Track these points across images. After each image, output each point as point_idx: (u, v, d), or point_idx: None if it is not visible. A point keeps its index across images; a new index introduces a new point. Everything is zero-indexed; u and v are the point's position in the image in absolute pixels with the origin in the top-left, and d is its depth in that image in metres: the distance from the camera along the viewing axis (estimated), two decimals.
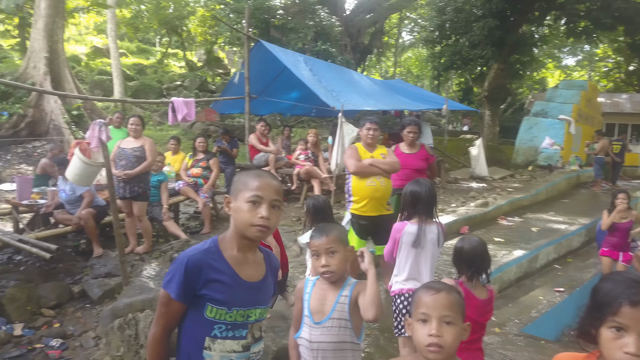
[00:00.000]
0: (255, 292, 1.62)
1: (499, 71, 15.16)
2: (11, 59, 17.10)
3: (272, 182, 1.60)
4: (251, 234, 1.56)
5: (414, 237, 2.92)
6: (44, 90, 10.83)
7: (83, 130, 11.59)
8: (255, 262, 1.66)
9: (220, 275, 1.55)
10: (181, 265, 1.53)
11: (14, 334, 4.18)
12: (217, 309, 1.54)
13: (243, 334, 1.59)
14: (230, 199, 1.62)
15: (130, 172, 5.54)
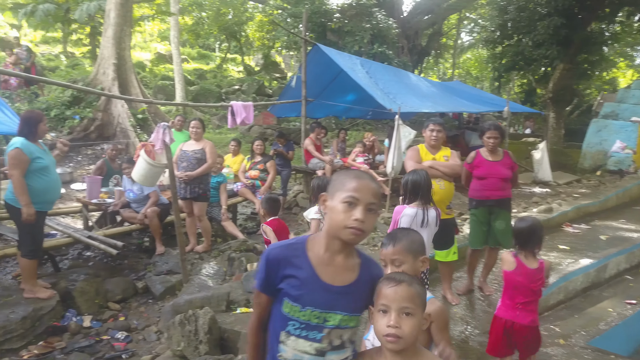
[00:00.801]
0: (337, 297, 1.53)
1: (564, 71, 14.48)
2: (82, 66, 18.12)
3: (371, 185, 1.53)
4: (344, 235, 1.51)
5: (410, 218, 3.41)
6: (112, 95, 11.40)
7: (147, 133, 12.11)
8: (344, 266, 1.57)
9: (298, 272, 1.54)
10: (263, 258, 1.60)
11: (83, 325, 4.42)
12: (291, 305, 1.54)
13: (318, 337, 1.52)
14: (326, 197, 1.58)
15: (191, 173, 5.72)
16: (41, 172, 4.30)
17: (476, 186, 4.41)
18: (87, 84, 12.23)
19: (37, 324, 4.19)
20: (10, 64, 13.56)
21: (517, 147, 13.57)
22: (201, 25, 26.10)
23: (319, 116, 11.46)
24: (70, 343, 4.11)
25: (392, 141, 7.09)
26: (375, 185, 1.55)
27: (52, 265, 5.49)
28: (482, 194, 4.34)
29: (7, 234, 5.79)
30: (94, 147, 11.94)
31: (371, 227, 1.53)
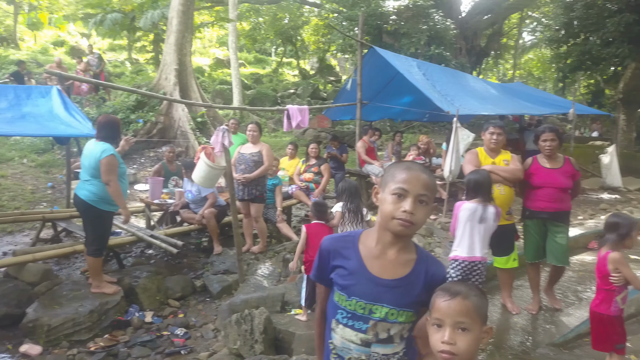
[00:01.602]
0: (385, 290, 1.53)
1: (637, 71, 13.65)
2: (146, 72, 18.93)
3: (421, 176, 1.50)
4: (393, 227, 1.50)
5: (469, 212, 3.49)
6: (173, 99, 11.84)
7: (206, 136, 12.49)
8: (395, 260, 1.56)
9: (346, 262, 1.58)
10: (319, 250, 1.65)
11: (145, 320, 4.59)
12: (339, 294, 1.57)
13: (363, 327, 1.53)
14: (378, 190, 1.60)
15: (248, 175, 5.83)
16: (122, 177, 4.55)
17: (531, 195, 4.08)
18: (150, 89, 12.76)
19: (103, 318, 4.39)
20: (81, 70, 14.39)
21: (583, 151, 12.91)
22: (258, 30, 26.65)
23: (374, 119, 11.40)
24: (133, 337, 4.28)
25: (450, 144, 6.93)
26: (426, 176, 1.52)
27: (117, 262, 5.76)
28: (537, 204, 4.02)
29: (76, 231, 6.14)
30: (155, 149, 12.43)
31: (422, 219, 1.51)
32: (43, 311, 4.25)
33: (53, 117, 5.56)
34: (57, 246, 5.92)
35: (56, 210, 7.09)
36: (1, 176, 9.49)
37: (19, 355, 3.91)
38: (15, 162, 10.56)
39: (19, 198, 8.59)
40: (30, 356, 3.87)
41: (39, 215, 6.51)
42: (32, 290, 4.76)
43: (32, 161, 10.70)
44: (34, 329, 4.13)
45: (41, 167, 10.49)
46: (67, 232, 6.60)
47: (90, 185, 4.45)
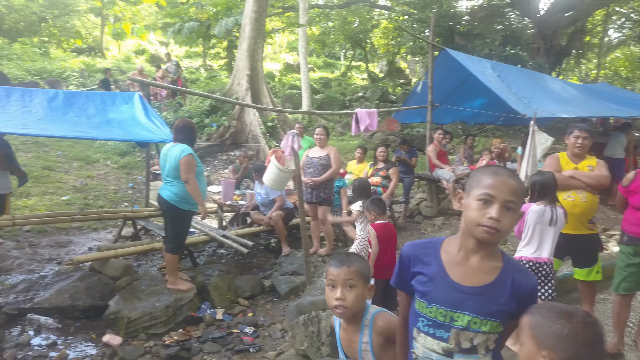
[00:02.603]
0: (466, 297, 1.48)
1: None
2: (219, 78, 19.66)
3: (509, 181, 1.45)
4: (477, 234, 1.46)
5: (537, 215, 3.40)
6: (246, 104, 12.20)
7: (276, 140, 12.75)
8: (479, 268, 1.51)
9: (426, 269, 1.56)
10: (399, 256, 1.65)
11: (216, 317, 4.74)
12: (419, 301, 1.56)
13: (444, 336, 1.49)
14: (462, 195, 1.56)
15: (316, 179, 5.88)
16: (199, 176, 4.76)
17: (631, 218, 3.48)
18: (223, 94, 13.23)
19: (178, 313, 4.59)
20: (159, 77, 15.19)
21: None
22: (327, 34, 26.87)
23: (445, 122, 11.13)
24: (205, 333, 4.43)
25: (526, 148, 6.61)
26: (514, 181, 1.46)
27: (191, 260, 6.00)
28: (637, 230, 3.43)
29: (154, 229, 6.46)
30: (228, 152, 12.86)
31: (509, 226, 1.45)
32: (123, 304, 4.51)
33: (135, 122, 5.89)
34: (136, 243, 6.27)
35: (136, 210, 7.51)
36: (88, 176, 10.20)
37: (102, 345, 4.17)
38: (100, 163, 11.32)
39: (103, 197, 9.19)
40: (112, 346, 4.11)
41: (120, 214, 6.92)
42: (114, 284, 5.07)
43: (115, 163, 11.43)
44: (115, 321, 4.40)
45: (123, 169, 11.17)
46: (146, 230, 6.97)
47: (171, 186, 4.68)
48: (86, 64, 20.07)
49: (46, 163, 10.43)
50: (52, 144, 11.76)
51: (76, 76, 18.06)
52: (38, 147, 11.45)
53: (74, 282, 4.85)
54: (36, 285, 4.96)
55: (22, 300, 4.70)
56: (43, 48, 21.47)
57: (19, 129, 5.14)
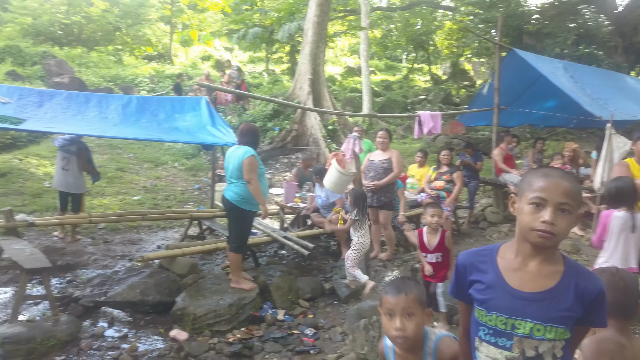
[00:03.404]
0: (526, 304, 1.44)
1: None
2: (281, 82, 20.00)
3: (561, 183, 1.40)
4: (532, 239, 1.42)
5: (622, 221, 3.27)
6: (307, 107, 12.32)
7: (336, 143, 12.79)
8: (538, 273, 1.46)
9: (483, 276, 1.53)
10: (455, 266, 1.64)
11: (277, 318, 4.80)
12: (478, 310, 1.53)
13: (507, 344, 1.45)
14: (515, 199, 1.53)
15: (378, 182, 5.83)
16: (261, 177, 4.89)
17: None
18: (285, 98, 13.44)
19: (241, 312, 4.69)
20: (224, 82, 15.68)
21: None
22: (389, 37, 26.70)
23: (512, 125, 10.72)
24: (266, 332, 4.50)
25: (602, 153, 6.25)
26: (567, 182, 1.40)
27: (253, 261, 6.12)
28: None
29: (218, 229, 6.65)
30: (289, 155, 13.04)
31: (565, 229, 1.40)
32: (190, 301, 4.66)
33: (201, 126, 6.11)
34: (202, 243, 6.48)
35: (202, 210, 7.77)
36: (157, 178, 10.68)
37: (169, 339, 4.34)
38: (168, 165, 11.83)
39: (171, 198, 9.58)
40: (178, 341, 4.27)
41: (187, 214, 7.18)
42: (180, 281, 5.26)
43: (182, 165, 11.89)
44: (181, 317, 4.56)
45: (189, 171, 11.61)
46: (211, 230, 7.19)
47: (235, 187, 4.82)
48: (156, 70, 21.05)
49: (119, 165, 11.03)
50: (125, 146, 12.41)
51: (147, 82, 18.99)
52: (112, 149, 12.13)
53: (144, 279, 5.08)
54: (110, 280, 5.23)
55: (97, 293, 4.97)
56: (117, 56, 22.76)
57: (97, 131, 5.47)
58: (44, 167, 9.86)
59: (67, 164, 6.77)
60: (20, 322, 4.31)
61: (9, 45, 18.55)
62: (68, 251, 6.33)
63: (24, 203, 7.99)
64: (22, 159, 10.11)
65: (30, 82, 15.35)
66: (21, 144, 11.41)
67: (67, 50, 20.96)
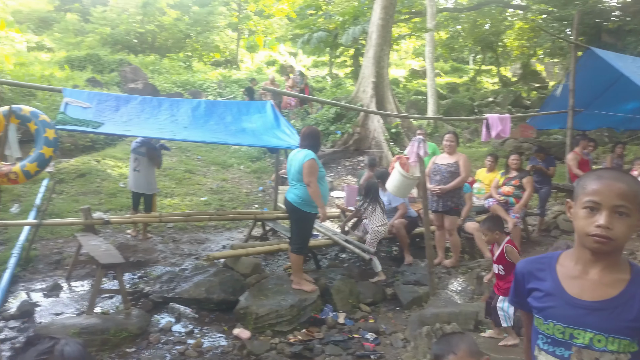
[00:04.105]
0: (586, 313, 1.37)
1: None
2: (344, 85, 20.03)
3: (615, 185, 1.33)
4: (588, 244, 1.36)
5: None
6: (370, 110, 12.25)
7: (399, 147, 12.62)
8: (599, 280, 1.39)
9: (541, 284, 1.49)
10: (514, 273, 1.61)
11: (338, 321, 4.79)
12: (537, 318, 1.50)
13: (565, 354, 1.39)
14: (571, 204, 1.46)
15: (444, 187, 5.68)
16: (321, 180, 4.91)
17: None
18: (348, 102, 13.43)
19: (302, 313, 4.71)
20: (289, 87, 15.92)
21: None
22: (456, 38, 26.08)
23: (588, 128, 10.13)
24: (327, 335, 4.49)
25: None
26: (623, 184, 1.32)
27: (314, 263, 6.15)
28: None
29: (280, 231, 6.74)
30: (351, 159, 13.01)
31: (624, 234, 1.31)
32: (252, 300, 4.75)
33: (266, 130, 6.21)
34: (265, 243, 6.59)
35: (265, 212, 7.90)
36: (223, 180, 10.99)
37: (232, 337, 4.43)
38: (234, 168, 12.15)
39: (236, 199, 9.83)
40: (241, 339, 4.35)
41: (251, 215, 7.33)
42: (244, 280, 5.37)
43: (247, 168, 12.18)
44: (244, 316, 4.65)
45: (254, 173, 11.86)
46: (274, 231, 7.30)
47: (295, 189, 4.87)
48: (223, 76, 21.73)
49: (188, 167, 11.46)
50: (193, 149, 12.88)
51: (214, 87, 19.65)
52: (182, 152, 12.63)
53: (210, 277, 5.23)
54: (177, 277, 5.43)
55: (166, 290, 5.17)
56: (187, 62, 23.71)
57: (168, 134, 5.71)
58: (119, 168, 10.43)
59: (138, 165, 7.10)
60: (95, 314, 4.56)
61: (90, 54, 19.85)
62: (139, 248, 6.65)
63: (100, 202, 8.48)
64: (99, 160, 10.74)
65: (107, 88, 16.31)
66: (99, 146, 12.14)
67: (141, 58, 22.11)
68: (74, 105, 5.18)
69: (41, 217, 6.09)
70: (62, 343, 1.21)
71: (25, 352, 1.19)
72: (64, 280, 5.63)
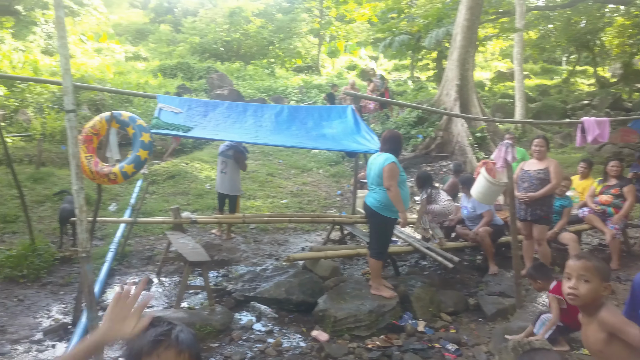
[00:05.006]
0: None
1: None
2: (426, 89, 19.64)
3: None
4: None
5: None
6: (454, 114, 11.90)
7: (484, 151, 12.13)
8: None
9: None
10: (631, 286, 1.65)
11: (417, 329, 4.67)
12: None
13: None
14: None
15: (532, 194, 5.37)
16: (402, 184, 4.85)
17: None
18: (431, 105, 13.13)
19: (380, 319, 4.65)
20: (370, 91, 15.87)
21: None
22: (547, 38, 24.67)
23: None
24: (405, 343, 4.39)
25: None
26: None
27: (394, 269, 6.06)
28: None
29: (359, 235, 6.71)
30: (432, 163, 12.70)
31: None
32: (331, 303, 4.76)
33: (346, 134, 6.22)
34: (343, 247, 6.60)
35: (344, 216, 7.91)
36: (303, 183, 11.17)
37: (311, 339, 4.47)
38: (313, 171, 12.31)
39: (315, 202, 9.94)
40: (319, 341, 4.37)
41: (330, 219, 7.37)
42: (323, 283, 5.40)
43: (326, 171, 12.29)
44: (323, 318, 4.67)
45: (332, 177, 11.95)
46: (352, 235, 7.29)
47: (375, 194, 4.83)
48: (304, 81, 22.14)
49: (270, 170, 11.77)
50: (275, 153, 13.22)
51: (296, 92, 20.07)
52: (264, 156, 13.01)
53: (289, 278, 5.31)
54: (259, 276, 5.57)
55: (247, 288, 5.32)
56: (270, 68, 24.42)
57: (253, 139, 5.89)
58: (206, 170, 10.94)
59: (225, 167, 7.41)
60: (182, 309, 4.80)
61: (180, 62, 21.08)
62: (223, 248, 6.91)
63: (188, 202, 8.94)
64: (187, 163, 11.33)
65: (196, 94, 17.21)
66: (187, 149, 12.84)
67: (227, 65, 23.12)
68: (167, 111, 5.50)
69: (136, 216, 6.53)
70: (177, 329, 1.32)
71: (146, 331, 1.31)
72: (155, 275, 5.98)
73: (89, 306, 3.12)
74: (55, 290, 5.41)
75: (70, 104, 3.14)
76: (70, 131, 3.15)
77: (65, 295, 5.26)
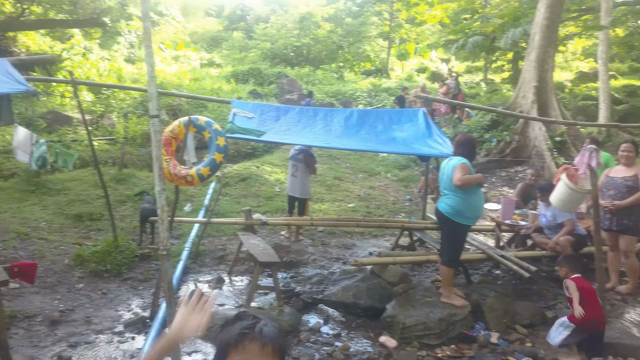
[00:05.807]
0: None
1: None
2: (500, 91, 18.88)
3: None
4: None
5: None
6: (531, 117, 11.37)
7: (564, 156, 11.49)
8: None
9: None
10: None
11: (490, 340, 4.49)
12: None
13: None
14: None
15: (619, 202, 5.02)
16: (475, 190, 4.69)
17: None
18: (506, 108, 12.63)
19: (451, 328, 4.52)
20: (442, 93, 15.54)
21: None
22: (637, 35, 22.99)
23: None
24: (477, 354, 4.24)
25: None
26: None
27: (465, 277, 5.86)
28: None
29: (429, 242, 6.57)
30: (507, 169, 12.20)
31: None
32: (399, 310, 4.69)
33: (418, 138, 6.11)
34: (412, 253, 6.49)
35: (413, 221, 7.77)
36: (370, 187, 11.11)
37: (378, 344, 4.42)
38: (381, 175, 12.21)
39: (383, 207, 9.84)
40: (387, 347, 4.32)
41: (398, 224, 7.26)
42: (391, 289, 5.33)
43: (395, 176, 12.14)
44: (391, 324, 4.61)
45: (401, 181, 11.78)
46: (421, 242, 7.14)
47: (447, 199, 4.70)
48: (373, 85, 22.03)
49: (337, 174, 11.81)
50: (343, 157, 13.25)
51: (364, 96, 20.01)
52: (331, 160, 13.08)
53: (357, 282, 5.29)
54: (326, 279, 5.60)
55: (315, 291, 5.36)
56: (339, 72, 24.55)
57: (322, 143, 5.93)
58: (276, 174, 11.16)
59: (296, 171, 7.54)
60: (252, 308, 4.91)
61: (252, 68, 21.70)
62: (292, 249, 7.01)
63: (258, 204, 9.16)
64: (258, 166, 11.62)
65: (266, 99, 17.64)
66: (258, 153, 13.17)
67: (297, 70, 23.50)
68: (240, 116, 5.67)
69: (209, 216, 6.78)
70: (262, 323, 1.40)
71: (234, 324, 1.40)
72: (226, 274, 6.17)
73: (168, 301, 3.27)
74: (135, 285, 5.73)
75: (154, 110, 3.30)
76: (155, 135, 3.31)
77: (144, 291, 5.56)
